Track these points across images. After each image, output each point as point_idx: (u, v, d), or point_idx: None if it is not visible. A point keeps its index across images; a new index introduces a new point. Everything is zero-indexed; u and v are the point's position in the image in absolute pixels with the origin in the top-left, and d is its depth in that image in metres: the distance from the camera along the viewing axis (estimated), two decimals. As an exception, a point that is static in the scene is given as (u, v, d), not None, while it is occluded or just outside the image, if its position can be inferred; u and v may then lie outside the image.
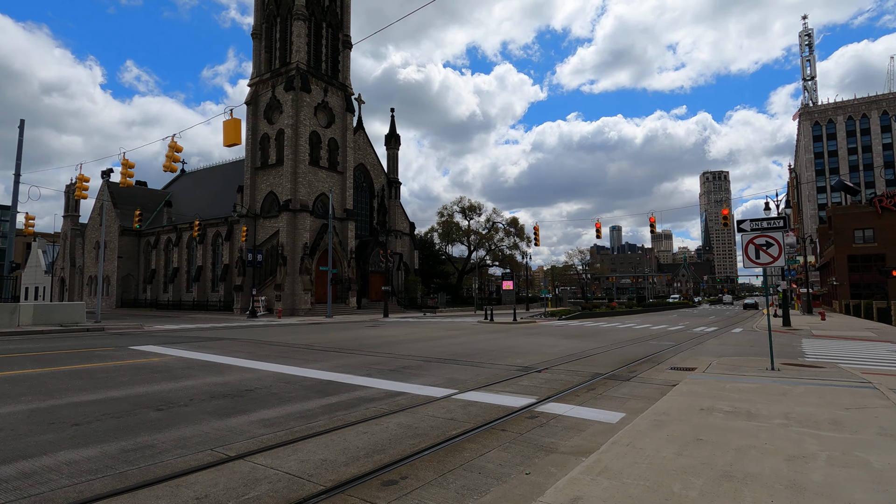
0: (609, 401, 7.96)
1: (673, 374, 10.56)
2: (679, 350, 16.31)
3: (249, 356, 13.42)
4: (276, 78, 47.46)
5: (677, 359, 13.68)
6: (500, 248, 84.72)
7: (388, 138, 60.94)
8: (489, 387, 9.15)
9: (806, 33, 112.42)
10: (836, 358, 14.11)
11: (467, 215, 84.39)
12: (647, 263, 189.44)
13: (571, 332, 24.03)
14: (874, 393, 7.49)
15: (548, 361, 12.81)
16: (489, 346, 16.87)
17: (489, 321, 30.60)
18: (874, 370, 11.36)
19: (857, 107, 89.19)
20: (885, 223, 48.43)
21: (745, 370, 10.19)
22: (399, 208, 60.90)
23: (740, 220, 10.81)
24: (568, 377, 10.32)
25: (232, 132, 14.12)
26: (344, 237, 49.23)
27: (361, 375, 10.33)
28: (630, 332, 24.38)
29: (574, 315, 38.33)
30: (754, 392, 7.62)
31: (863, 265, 49.86)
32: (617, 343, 18.30)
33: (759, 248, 10.46)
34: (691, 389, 7.92)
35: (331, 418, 6.72)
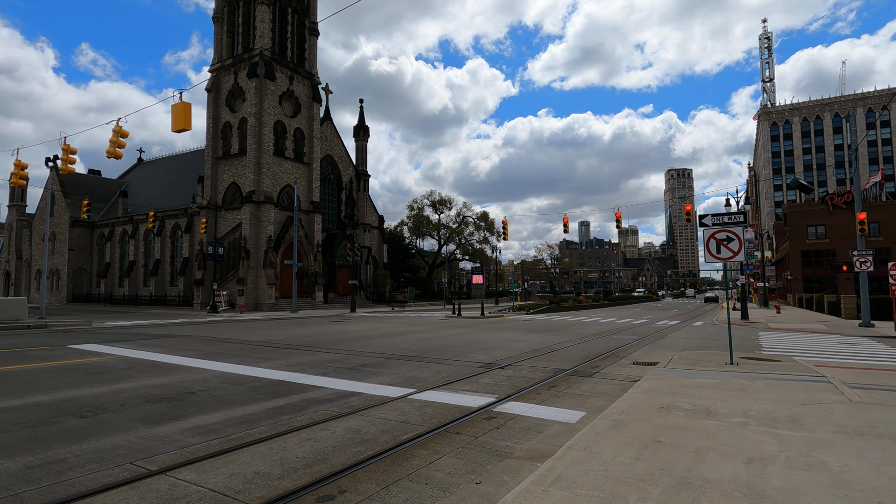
0: (570, 399, 7.76)
1: (635, 370, 10.50)
2: (642, 344, 16.42)
3: (200, 355, 12.68)
4: (239, 64, 45.65)
5: (640, 353, 13.71)
6: (470, 242, 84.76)
7: (356, 129, 59.73)
8: (449, 385, 8.82)
9: (765, 36, 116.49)
10: (791, 351, 14.44)
11: (438, 209, 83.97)
12: (614, 258, 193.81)
13: (538, 326, 24.03)
14: (828, 387, 7.53)
15: (511, 357, 12.59)
16: (454, 341, 16.58)
17: (457, 316, 30.37)
18: (826, 363, 11.62)
19: (811, 109, 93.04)
20: (836, 220, 50.65)
21: (706, 365, 10.21)
22: (368, 201, 59.90)
23: (702, 215, 10.81)
24: (530, 374, 10.11)
25: (181, 117, 13.24)
26: (310, 230, 48.03)
27: (316, 375, 9.83)
28: (596, 325, 24.57)
29: (542, 309, 38.55)
30: (714, 388, 7.54)
31: (815, 260, 52.08)
32: (582, 337, 18.32)
33: (720, 243, 10.48)
34: (652, 386, 7.80)
35: (274, 423, 6.24)
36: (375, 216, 61.65)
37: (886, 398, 6.76)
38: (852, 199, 49.74)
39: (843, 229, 50.08)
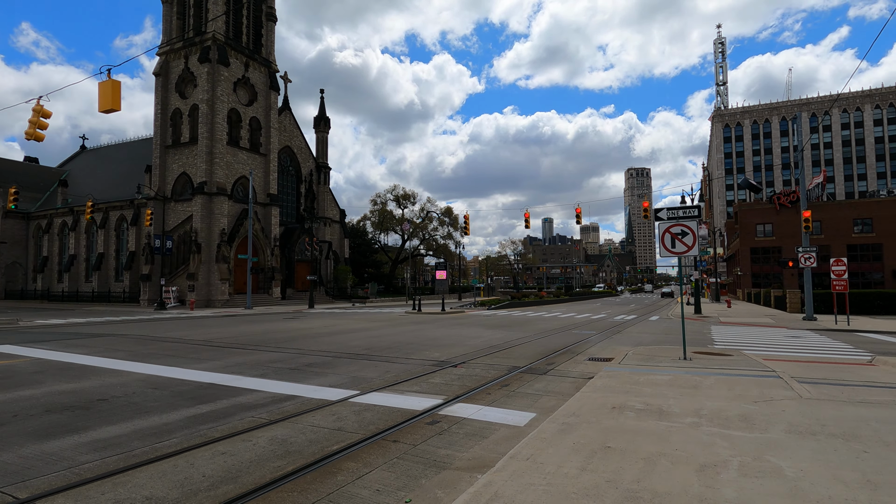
0: (521, 399, 7.37)
1: (590, 366, 10.27)
2: (599, 339, 16.37)
3: (128, 356, 11.64)
4: (190, 48, 43.30)
5: (596, 349, 13.58)
6: (434, 237, 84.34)
7: (317, 121, 58.03)
8: (395, 386, 8.29)
9: (720, 41, 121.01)
10: (742, 345, 14.68)
11: (401, 204, 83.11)
12: (576, 254, 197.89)
13: (498, 322, 23.80)
14: (778, 383, 7.45)
15: (467, 354, 12.18)
16: (410, 338, 16.05)
17: (417, 312, 29.85)
18: (775, 356, 11.78)
19: (760, 112, 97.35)
20: (783, 219, 53.05)
21: (660, 360, 10.09)
22: (329, 194, 58.39)
23: (657, 209, 10.68)
24: (484, 372, 9.70)
25: (108, 96, 12.04)
26: (267, 224, 46.29)
27: (253, 376, 9.09)
28: (555, 321, 24.57)
29: (503, 304, 38.54)
30: (667, 385, 7.32)
31: (763, 257, 54.43)
32: (540, 333, 18.15)
33: (675, 238, 10.37)
34: (605, 384, 7.52)
35: (190, 434, 5.54)
36: (336, 210, 60.21)
37: (835, 393, 6.70)
38: (797, 198, 52.21)
39: (789, 227, 52.52)
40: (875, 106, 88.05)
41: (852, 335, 17.91)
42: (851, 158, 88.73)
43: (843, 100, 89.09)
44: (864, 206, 51.42)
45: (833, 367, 9.78)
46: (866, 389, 7.03)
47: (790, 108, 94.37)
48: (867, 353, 12.99)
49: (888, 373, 9.14)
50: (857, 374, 8.76)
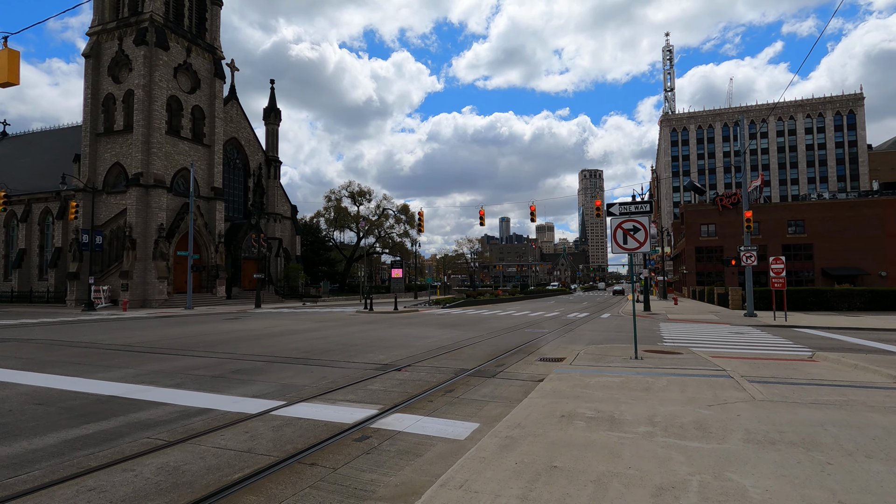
0: (465, 406, 6.75)
1: (541, 367, 9.82)
2: (551, 338, 16.09)
3: (23, 364, 10.19)
4: (125, 29, 40.19)
5: (548, 348, 13.23)
6: (390, 235, 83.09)
7: (267, 112, 55.54)
8: (328, 395, 7.47)
9: (668, 49, 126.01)
10: (690, 342, 14.76)
11: (357, 200, 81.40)
12: (532, 253, 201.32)
13: (451, 321, 23.25)
14: (730, 383, 7.19)
15: (413, 357, 11.48)
16: (356, 339, 15.18)
17: (368, 311, 28.86)
18: (722, 353, 11.79)
19: (705, 118, 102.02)
20: (725, 220, 55.52)
21: (611, 360, 9.77)
22: (279, 189, 56.07)
23: (609, 204, 10.36)
24: (429, 376, 9.03)
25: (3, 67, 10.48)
26: (211, 219, 43.78)
27: (166, 387, 8.02)
28: (509, 319, 24.29)
29: (458, 303, 38.10)
30: (618, 388, 6.90)
31: (707, 255, 56.78)
32: (493, 332, 17.71)
33: (627, 234, 10.08)
34: (555, 388, 7.02)
35: (59, 464, 4.54)
36: (288, 206, 57.96)
37: (786, 393, 6.47)
38: (738, 200, 54.77)
39: (731, 228, 55.02)
40: (806, 115, 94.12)
41: (790, 331, 18.54)
42: (786, 164, 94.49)
43: (779, 109, 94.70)
44: (797, 208, 54.57)
45: (778, 365, 9.77)
46: (815, 389, 6.86)
47: (731, 114, 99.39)
48: (807, 349, 13.29)
49: (830, 369, 9.18)
50: (802, 372, 8.71)
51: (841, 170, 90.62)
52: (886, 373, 8.09)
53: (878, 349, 13.21)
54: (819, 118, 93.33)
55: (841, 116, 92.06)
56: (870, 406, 5.69)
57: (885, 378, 7.87)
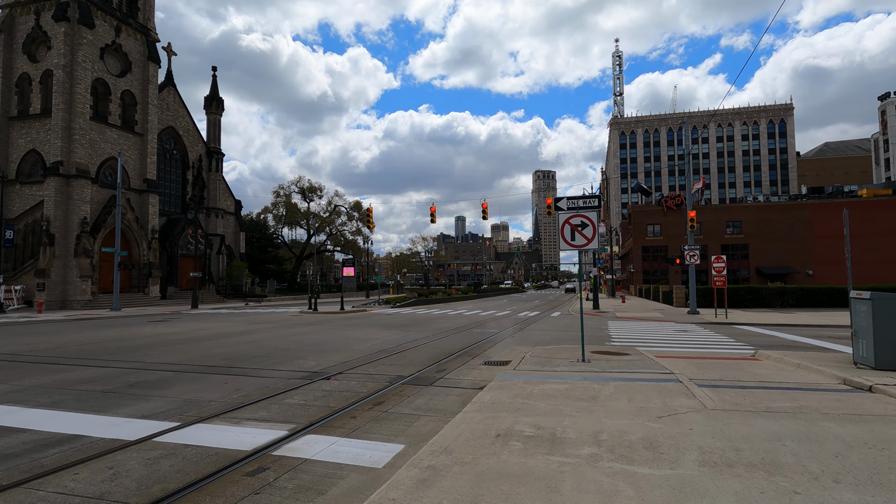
0: (393, 423, 5.91)
1: (484, 373, 9.13)
2: (500, 338, 15.52)
3: None
4: (43, 2, 36.51)
5: (495, 350, 12.60)
6: (342, 232, 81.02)
7: (208, 101, 52.37)
8: (235, 412, 6.43)
9: (617, 54, 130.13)
10: (637, 341, 14.59)
11: (307, 196, 78.75)
12: (486, 252, 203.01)
13: (399, 321, 22.34)
14: (679, 388, 6.73)
15: (349, 362, 10.52)
16: (290, 342, 14.00)
17: (312, 311, 27.44)
18: (668, 353, 11.56)
19: (651, 122, 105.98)
20: (669, 220, 57.52)
21: (557, 363, 9.21)
22: (221, 183, 53.06)
23: (557, 198, 9.82)
24: (360, 385, 8.13)
25: None
26: (143, 213, 40.66)
27: (38, 406, 6.70)
28: (460, 318, 23.66)
29: (410, 302, 37.19)
30: (563, 397, 6.27)
31: (653, 255, 58.66)
32: (440, 333, 16.96)
33: (575, 230, 9.56)
34: (494, 399, 6.30)
35: None
36: (231, 200, 55.04)
37: (737, 400, 6.04)
38: (682, 202, 56.88)
39: (675, 228, 57.07)
40: (743, 123, 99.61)
41: (731, 328, 18.91)
42: (724, 168, 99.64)
43: (718, 116, 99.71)
44: (734, 210, 57.27)
45: (724, 365, 9.54)
46: (765, 393, 6.50)
47: (675, 120, 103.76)
48: (748, 347, 13.37)
49: (774, 369, 9.02)
50: (748, 373, 8.46)
51: (773, 175, 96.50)
52: (830, 373, 7.93)
53: (814, 346, 13.46)
54: (754, 126, 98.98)
55: (773, 125, 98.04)
56: (823, 413, 5.31)
57: (829, 379, 7.69)
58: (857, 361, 8.79)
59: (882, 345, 8.21)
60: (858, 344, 8.71)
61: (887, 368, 8.19)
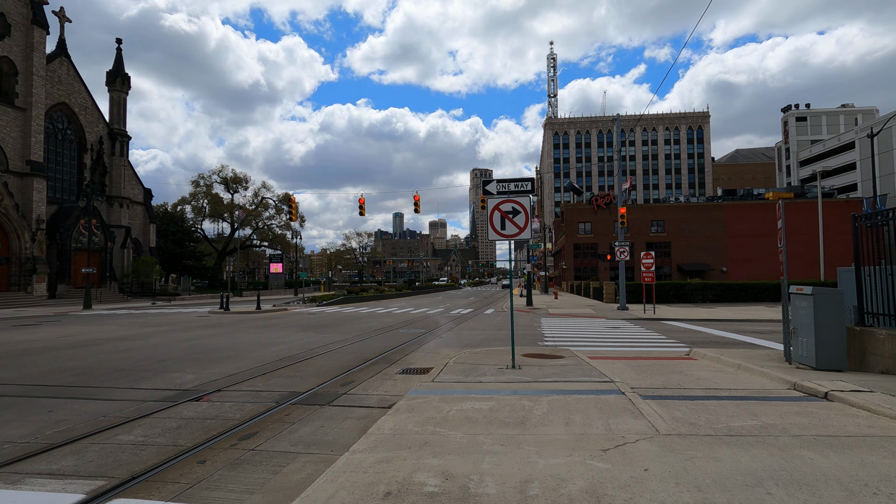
0: (254, 470, 4.29)
1: (399, 384, 7.69)
2: (427, 339, 14.16)
3: None
4: None
5: (418, 354, 11.21)
6: (269, 226, 76.43)
7: (111, 76, 46.68)
8: (27, 461, 4.51)
9: (552, 57, 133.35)
10: (570, 339, 13.79)
11: (231, 187, 73.46)
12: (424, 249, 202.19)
13: (321, 321, 20.38)
14: (623, 403, 5.65)
15: (237, 375, 8.67)
16: (175, 351, 11.79)
17: (223, 311, 24.68)
18: (604, 353, 10.74)
19: (583, 124, 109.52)
20: (599, 218, 59.16)
21: (484, 370, 7.96)
22: (127, 169, 47.66)
23: (486, 181, 8.56)
24: (234, 408, 6.39)
25: None
26: (26, 200, 35.33)
27: None
28: (388, 317, 22.08)
29: (338, 300, 35.02)
30: (485, 423, 4.96)
31: (584, 252, 60.07)
32: (362, 334, 15.32)
33: (506, 217, 8.34)
34: (398, 427, 4.86)
35: None
36: (139, 188, 49.71)
37: (692, 418, 5.01)
38: (611, 201, 58.65)
39: (604, 226, 58.75)
40: (665, 128, 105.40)
41: (660, 324, 18.81)
42: (649, 170, 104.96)
43: (644, 120, 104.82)
44: (658, 209, 59.87)
45: (663, 367, 8.74)
46: (718, 406, 5.56)
47: (605, 122, 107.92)
48: (681, 344, 12.95)
49: (715, 371, 8.32)
50: (691, 377, 7.65)
51: (692, 178, 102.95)
52: (775, 375, 7.26)
53: (742, 342, 13.29)
54: (675, 131, 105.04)
55: (692, 131, 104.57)
56: (794, 436, 4.36)
57: (776, 383, 6.99)
58: (797, 361, 8.27)
59: (824, 344, 7.68)
60: (798, 342, 8.18)
61: (828, 368, 7.68)
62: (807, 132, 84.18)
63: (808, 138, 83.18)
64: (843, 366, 7.70)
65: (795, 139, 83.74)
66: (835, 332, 7.67)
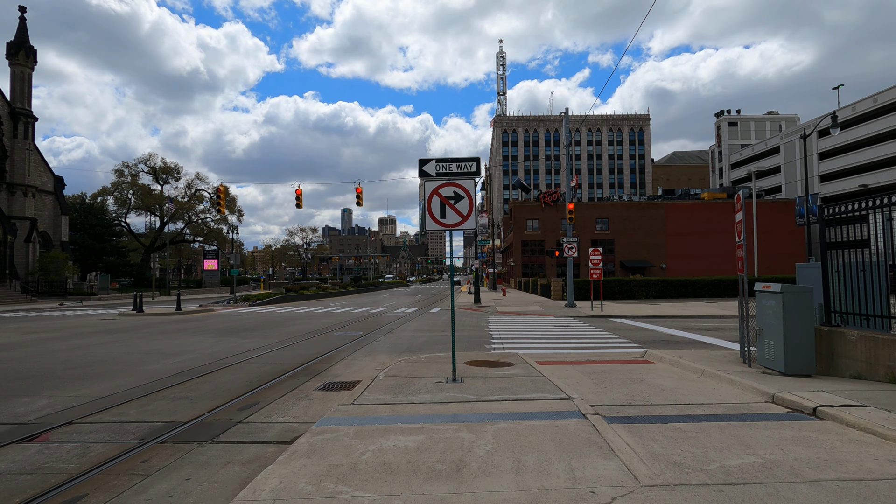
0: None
1: (314, 405, 6.24)
2: (362, 344, 12.69)
3: None
4: None
5: (349, 363, 9.75)
6: (204, 220, 71.60)
7: (13, 49, 41.23)
8: None
9: (501, 55, 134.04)
10: (519, 341, 12.78)
11: (160, 178, 68.20)
12: (372, 245, 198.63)
13: (246, 323, 18.34)
14: (588, 435, 4.51)
15: (110, 397, 6.87)
16: (51, 362, 9.66)
17: (135, 312, 21.90)
18: (555, 357, 9.76)
19: (531, 123, 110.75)
20: (546, 215, 59.50)
21: (419, 386, 6.65)
22: (34, 154, 42.48)
23: (423, 160, 7.23)
24: (75, 451, 4.70)
25: None
26: None
27: None
28: (326, 318, 20.33)
29: (273, 299, 32.59)
30: (408, 472, 3.64)
31: (531, 248, 60.23)
32: (289, 339, 13.61)
33: (446, 202, 7.06)
34: (283, 486, 3.44)
35: None
36: (49, 176, 44.56)
37: (677, 457, 3.93)
38: (558, 198, 59.11)
39: (551, 223, 59.15)
40: (609, 129, 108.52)
41: (608, 321, 18.30)
42: (594, 169, 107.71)
43: (589, 121, 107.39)
44: (603, 207, 61.02)
45: (621, 374, 7.80)
46: (699, 431, 4.54)
47: (553, 122, 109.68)
48: (633, 344, 12.26)
49: (677, 378, 7.46)
50: (654, 387, 6.71)
51: (633, 178, 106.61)
52: (746, 384, 6.43)
53: (693, 341, 12.79)
54: (618, 132, 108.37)
55: (634, 133, 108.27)
56: (811, 481, 3.36)
57: (751, 394, 6.14)
58: (762, 364, 7.55)
59: (794, 348, 6.95)
60: (763, 344, 7.46)
61: (797, 374, 6.97)
62: (738, 136, 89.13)
63: (738, 142, 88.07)
64: (811, 370, 7.02)
65: (727, 143, 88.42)
66: (805, 335, 6.97)
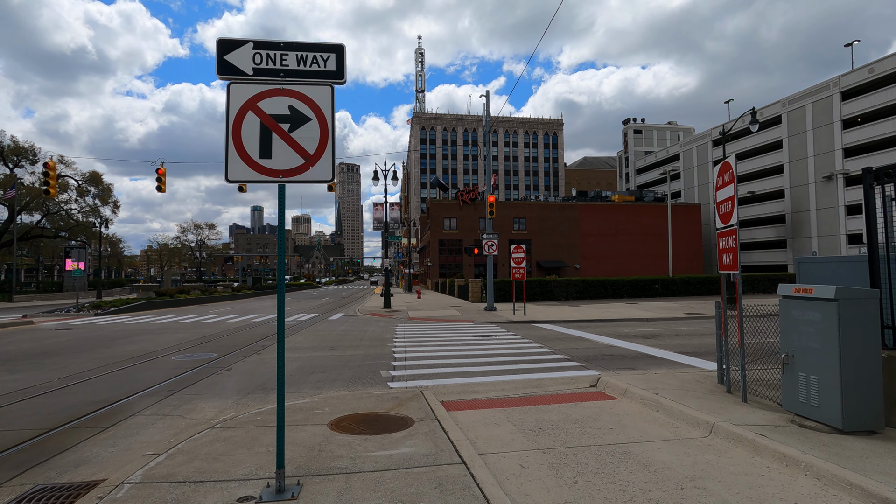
0: None
1: None
2: (194, 379, 8.68)
3: None
4: None
5: (123, 431, 5.88)
6: (69, 212, 60.74)
7: None
8: None
9: (420, 52, 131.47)
10: (429, 364, 9.51)
11: (9, 160, 56.64)
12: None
13: (58, 343, 13.33)
14: None
15: None
16: None
17: None
18: (475, 390, 6.65)
19: (449, 121, 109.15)
20: (464, 214, 57.43)
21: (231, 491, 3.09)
22: None
23: (225, 40, 3.66)
24: None
25: None
26: None
27: None
28: (183, 332, 15.72)
29: (136, 305, 26.56)
30: None
31: (449, 248, 57.80)
32: (91, 370, 9.22)
33: (274, 129, 3.59)
34: None
35: None
36: None
37: None
38: (476, 197, 57.23)
39: (469, 222, 57.14)
40: (525, 132, 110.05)
41: (534, 328, 15.78)
42: (510, 171, 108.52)
43: (507, 123, 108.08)
44: (520, 207, 60.20)
45: (579, 428, 4.81)
46: None
47: (471, 122, 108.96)
48: (573, 361, 9.52)
49: (675, 438, 4.61)
50: (651, 470, 3.75)
51: (547, 180, 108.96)
52: (808, 461, 3.66)
53: (641, 355, 10.35)
54: (534, 136, 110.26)
55: (548, 136, 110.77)
56: None
57: (824, 485, 3.35)
58: (793, 411, 4.91)
59: (855, 389, 4.36)
60: (797, 381, 4.80)
61: (859, 429, 4.40)
62: (642, 143, 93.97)
63: (643, 149, 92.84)
64: (879, 423, 4.46)
65: (633, 149, 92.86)
66: (872, 367, 4.40)
